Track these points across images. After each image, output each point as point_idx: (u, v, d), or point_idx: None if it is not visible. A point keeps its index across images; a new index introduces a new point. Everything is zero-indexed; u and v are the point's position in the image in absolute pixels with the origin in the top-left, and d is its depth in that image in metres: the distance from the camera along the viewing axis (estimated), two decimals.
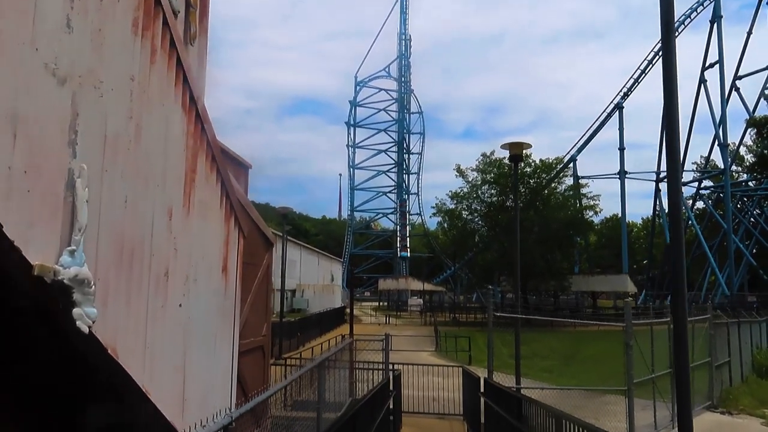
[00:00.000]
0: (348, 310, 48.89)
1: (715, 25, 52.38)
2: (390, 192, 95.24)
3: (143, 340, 4.35)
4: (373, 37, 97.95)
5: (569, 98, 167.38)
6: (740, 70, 55.05)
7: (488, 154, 40.70)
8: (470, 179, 40.63)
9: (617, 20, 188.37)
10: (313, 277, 56.90)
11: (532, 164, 40.24)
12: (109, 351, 3.66)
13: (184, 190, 5.17)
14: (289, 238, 47.15)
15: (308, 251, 57.51)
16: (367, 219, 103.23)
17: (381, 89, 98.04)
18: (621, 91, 52.67)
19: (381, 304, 64.75)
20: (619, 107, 52.05)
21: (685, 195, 56.01)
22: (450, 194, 41.59)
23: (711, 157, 59.37)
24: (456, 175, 41.11)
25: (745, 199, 58.64)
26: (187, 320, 5.18)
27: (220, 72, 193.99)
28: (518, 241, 11.55)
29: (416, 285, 61.25)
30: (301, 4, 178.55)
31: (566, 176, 44.34)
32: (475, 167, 40.54)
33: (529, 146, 10.76)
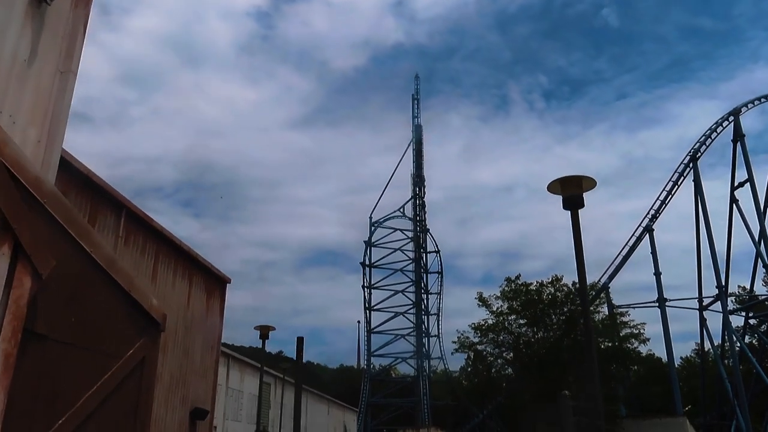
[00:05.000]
0: None
1: (738, 144, 50.48)
2: (409, 335, 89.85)
3: None
4: (389, 188, 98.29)
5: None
6: None
7: (513, 278, 36.88)
8: (494, 308, 36.42)
9: (622, 168, 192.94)
10: (323, 428, 50.61)
11: (564, 289, 36.11)
12: None
13: None
14: (289, 380, 41.86)
15: (316, 398, 51.72)
16: (386, 366, 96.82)
17: (396, 229, 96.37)
18: (648, 213, 49.73)
19: None
20: (648, 230, 48.70)
21: (732, 326, 50.51)
22: (473, 326, 37.08)
23: (754, 282, 54.59)
24: (478, 305, 36.97)
25: None
26: None
27: (243, 227, 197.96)
28: (594, 355, 7.57)
29: None
30: (319, 163, 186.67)
31: (602, 304, 40.00)
32: (500, 294, 36.51)
33: (592, 183, 7.26)
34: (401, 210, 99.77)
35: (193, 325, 16.33)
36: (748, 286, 57.01)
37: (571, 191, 7.22)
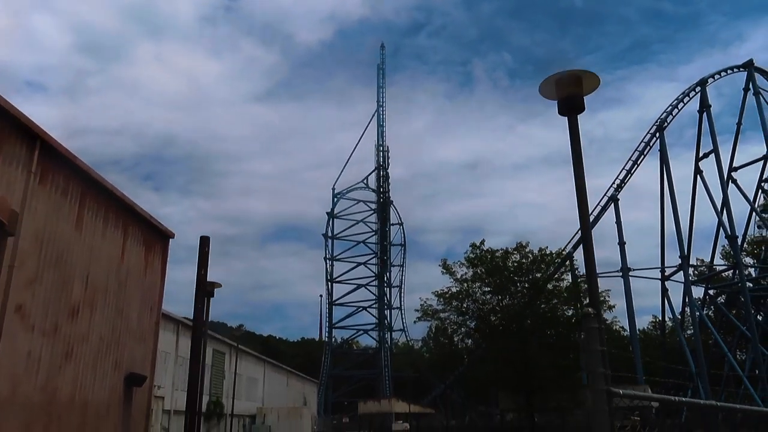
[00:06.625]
0: None
1: (704, 114, 50.30)
2: (371, 306, 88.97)
3: None
4: (352, 162, 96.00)
5: (544, 220, 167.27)
6: (734, 161, 52.56)
7: (478, 243, 35.75)
8: (459, 276, 35.29)
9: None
10: (282, 399, 49.24)
11: (530, 256, 35.23)
12: None
13: None
14: (244, 348, 40.19)
15: (274, 368, 50.12)
16: (347, 339, 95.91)
17: (359, 200, 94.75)
18: (613, 183, 49.30)
19: None
20: (613, 199, 48.27)
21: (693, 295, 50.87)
22: (436, 293, 35.87)
23: (714, 254, 55.02)
24: (442, 272, 35.76)
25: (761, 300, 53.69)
26: None
27: (205, 202, 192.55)
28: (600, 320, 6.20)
29: (401, 407, 53.88)
30: (284, 137, 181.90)
31: (566, 272, 39.31)
32: (464, 260, 35.35)
33: (595, 81, 5.95)
34: (365, 181, 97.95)
35: (128, 281, 14.50)
36: (707, 260, 57.66)
37: (569, 92, 5.88)
